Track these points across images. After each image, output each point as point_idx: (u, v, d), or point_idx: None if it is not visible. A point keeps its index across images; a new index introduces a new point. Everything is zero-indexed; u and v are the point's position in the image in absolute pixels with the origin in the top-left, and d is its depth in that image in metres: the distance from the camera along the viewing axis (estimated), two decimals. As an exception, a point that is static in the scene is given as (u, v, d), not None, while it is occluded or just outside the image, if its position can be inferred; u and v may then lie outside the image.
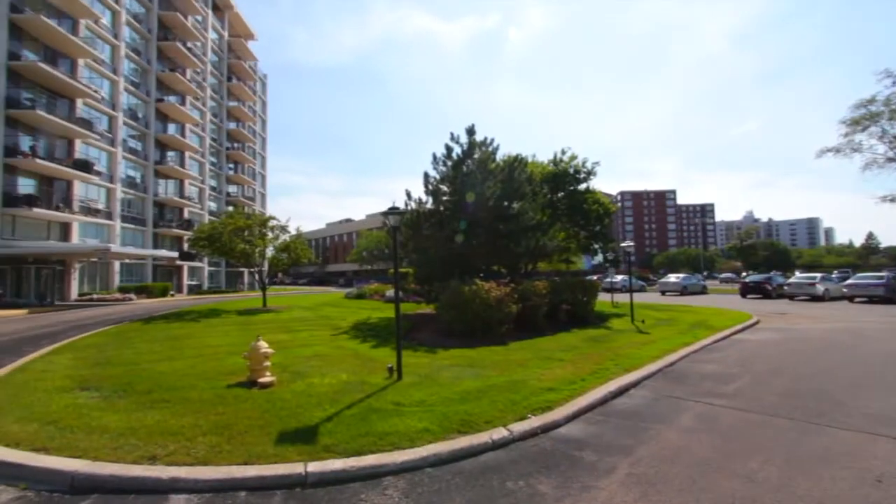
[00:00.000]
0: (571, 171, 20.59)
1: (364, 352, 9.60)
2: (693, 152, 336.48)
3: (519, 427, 4.89)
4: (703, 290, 34.97)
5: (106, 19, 33.61)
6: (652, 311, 18.15)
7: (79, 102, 30.24)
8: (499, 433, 4.72)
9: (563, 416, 5.30)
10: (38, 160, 26.14)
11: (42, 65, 26.20)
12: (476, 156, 15.77)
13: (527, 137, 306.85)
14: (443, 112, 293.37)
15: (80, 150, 30.47)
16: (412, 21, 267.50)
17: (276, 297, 31.93)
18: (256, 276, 23.13)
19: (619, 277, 29.47)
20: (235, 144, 55.80)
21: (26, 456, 4.19)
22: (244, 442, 4.45)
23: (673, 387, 6.90)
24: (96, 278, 32.76)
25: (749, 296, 27.65)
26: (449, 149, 15.81)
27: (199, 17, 46.57)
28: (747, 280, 31.58)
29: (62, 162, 28.31)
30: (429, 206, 16.13)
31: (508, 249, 15.14)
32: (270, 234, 22.37)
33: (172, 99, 40.98)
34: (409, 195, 15.97)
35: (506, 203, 15.37)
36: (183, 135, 43.03)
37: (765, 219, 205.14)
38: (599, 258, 25.90)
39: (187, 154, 43.99)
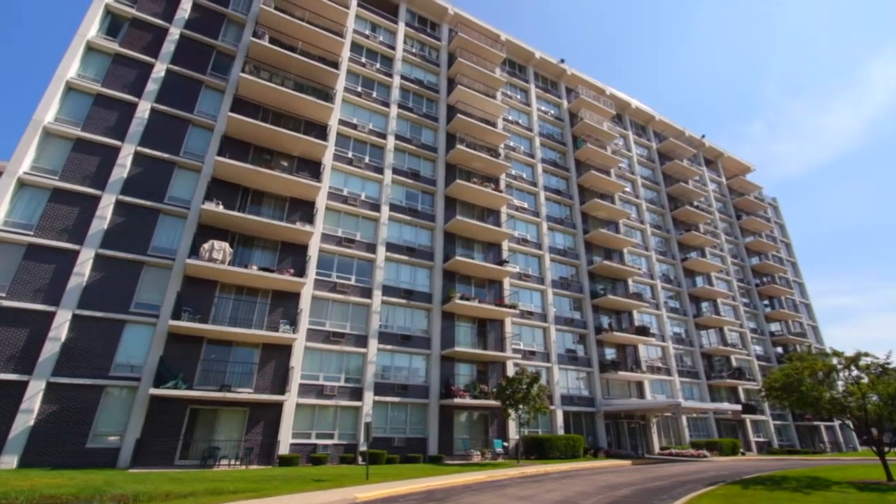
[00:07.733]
0: None
1: None
2: None
3: None
4: None
5: (634, 213, 42.95)
6: None
7: (630, 281, 38.19)
8: None
9: None
10: (615, 332, 33.82)
11: (606, 262, 35.79)
12: None
13: None
14: None
15: (637, 318, 37.22)
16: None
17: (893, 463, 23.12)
18: (841, 433, 17.90)
19: None
20: (764, 279, 51.91)
21: None
22: None
23: None
24: (669, 432, 35.57)
25: None
26: None
27: (697, 178, 51.16)
28: None
29: (627, 330, 35.31)
30: None
31: None
32: (864, 377, 17.47)
33: (693, 255, 44.59)
34: None
35: None
36: (710, 284, 44.80)
37: None
38: None
39: (719, 301, 44.67)
